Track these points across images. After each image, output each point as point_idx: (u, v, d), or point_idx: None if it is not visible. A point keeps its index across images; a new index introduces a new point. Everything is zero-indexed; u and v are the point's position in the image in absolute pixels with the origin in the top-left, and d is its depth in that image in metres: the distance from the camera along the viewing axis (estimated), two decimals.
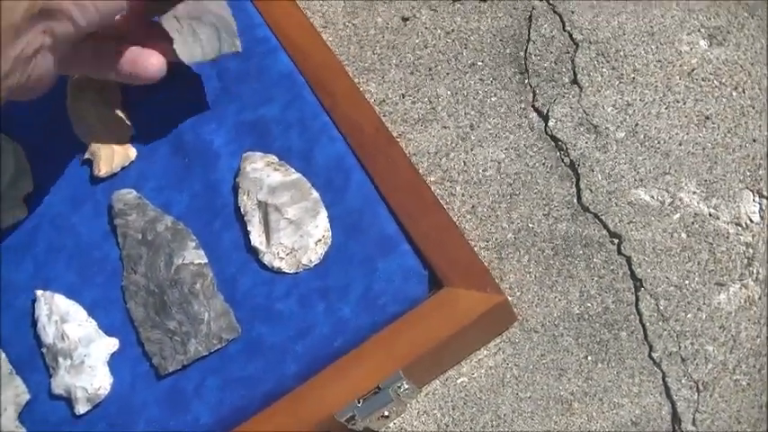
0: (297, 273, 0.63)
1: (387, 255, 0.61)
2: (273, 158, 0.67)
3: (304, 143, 0.67)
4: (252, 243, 0.64)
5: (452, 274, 0.59)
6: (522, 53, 0.74)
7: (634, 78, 0.70)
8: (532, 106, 0.71)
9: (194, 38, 0.62)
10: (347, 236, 0.63)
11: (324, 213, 0.63)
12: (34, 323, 0.70)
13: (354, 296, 0.61)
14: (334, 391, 0.59)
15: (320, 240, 0.62)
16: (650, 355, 0.61)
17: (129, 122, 0.73)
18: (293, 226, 0.63)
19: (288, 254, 0.63)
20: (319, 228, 0.62)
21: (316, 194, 0.64)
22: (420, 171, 0.67)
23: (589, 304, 0.63)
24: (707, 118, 0.67)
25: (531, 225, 0.66)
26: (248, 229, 0.65)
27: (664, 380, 0.60)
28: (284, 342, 0.62)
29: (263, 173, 0.65)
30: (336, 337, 0.60)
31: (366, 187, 0.63)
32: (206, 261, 0.66)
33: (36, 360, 0.69)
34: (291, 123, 0.68)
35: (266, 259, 0.63)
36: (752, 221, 0.63)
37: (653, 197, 0.65)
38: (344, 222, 0.63)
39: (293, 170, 0.66)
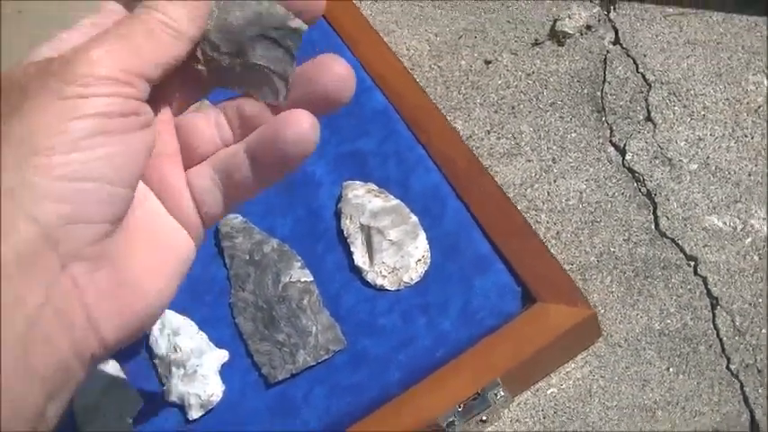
0: (398, 290, 0.75)
1: (482, 273, 0.73)
2: (373, 186, 0.80)
3: (401, 173, 0.80)
4: (355, 263, 0.77)
5: (543, 290, 0.71)
6: (598, 93, 0.87)
7: (704, 115, 0.83)
8: (610, 141, 0.84)
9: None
10: (445, 256, 0.75)
11: (423, 235, 0.75)
12: (146, 336, 0.82)
13: (454, 311, 0.72)
14: (435, 397, 0.71)
15: (420, 260, 0.74)
16: (728, 367, 0.71)
17: None
18: (395, 247, 0.75)
19: (390, 272, 0.75)
20: (419, 248, 0.75)
21: (414, 218, 0.77)
22: None
23: (669, 321, 0.74)
24: None
25: (612, 249, 0.78)
26: (351, 250, 0.77)
27: (742, 389, 0.70)
28: (387, 353, 0.73)
29: (365, 199, 0.78)
30: (437, 349, 0.72)
31: (461, 213, 0.76)
32: (312, 279, 0.78)
33: (147, 370, 0.82)
34: (388, 155, 0.81)
35: (369, 277, 0.76)
36: None
37: (725, 223, 0.77)
38: (442, 244, 0.75)
39: (392, 197, 0.79)
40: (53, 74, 0.34)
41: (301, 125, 0.40)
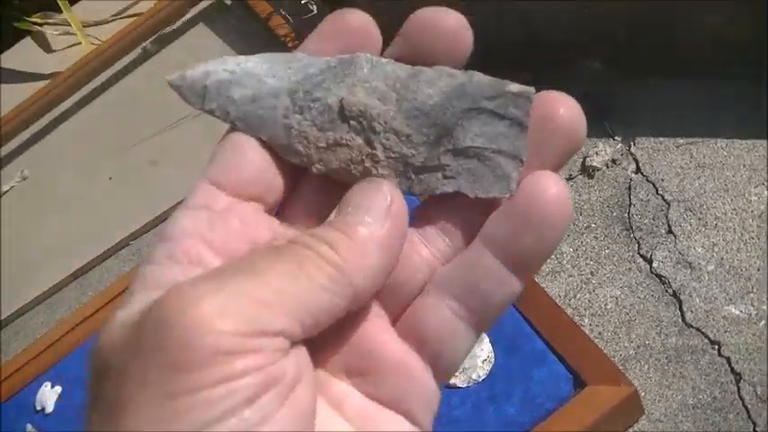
0: (468, 386, 1.04)
1: (539, 365, 1.02)
2: None
3: None
4: None
5: (590, 375, 0.99)
6: (626, 214, 1.18)
7: (716, 224, 1.13)
8: (638, 253, 1.14)
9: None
10: (507, 355, 1.04)
11: (486, 339, 1.06)
12: None
13: (517, 398, 1.01)
14: None
15: (486, 360, 1.04)
16: (755, 430, 0.96)
17: None
18: None
19: (461, 372, 1.05)
20: (484, 350, 1.05)
21: None
22: None
23: (700, 396, 1.00)
24: None
25: (647, 342, 1.06)
26: None
27: None
28: None
29: None
30: (506, 430, 1.00)
31: (517, 319, 1.06)
32: None
33: None
34: None
35: None
36: None
37: (742, 311, 1.04)
38: (503, 345, 1.05)
39: None
40: (158, 350, 0.28)
41: (552, 190, 0.32)
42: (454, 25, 0.36)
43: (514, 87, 0.35)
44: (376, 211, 0.33)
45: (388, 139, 0.37)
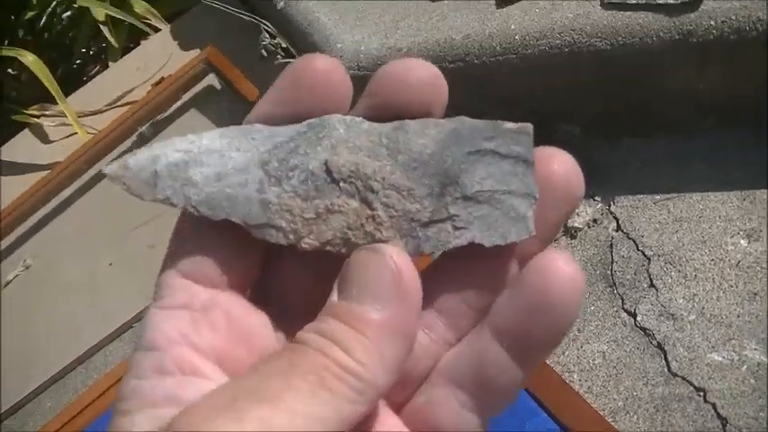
0: None
1: (531, 419, 1.08)
2: None
3: None
4: None
5: (579, 426, 1.05)
6: (608, 271, 1.25)
7: (696, 275, 1.20)
8: (623, 308, 1.21)
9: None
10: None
11: None
12: None
13: None
14: None
15: None
16: None
17: None
18: None
19: None
20: None
21: None
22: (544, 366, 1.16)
23: None
24: (755, 294, 1.15)
25: (635, 393, 1.12)
26: None
27: None
28: None
29: None
30: None
31: None
32: None
33: None
34: None
35: None
36: None
37: (724, 357, 1.11)
38: None
39: None
40: None
41: (565, 272, 0.31)
42: (428, 76, 0.34)
43: (510, 125, 0.35)
44: (385, 292, 0.31)
45: (388, 196, 0.35)
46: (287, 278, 0.37)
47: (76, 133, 2.05)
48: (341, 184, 0.35)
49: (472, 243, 0.35)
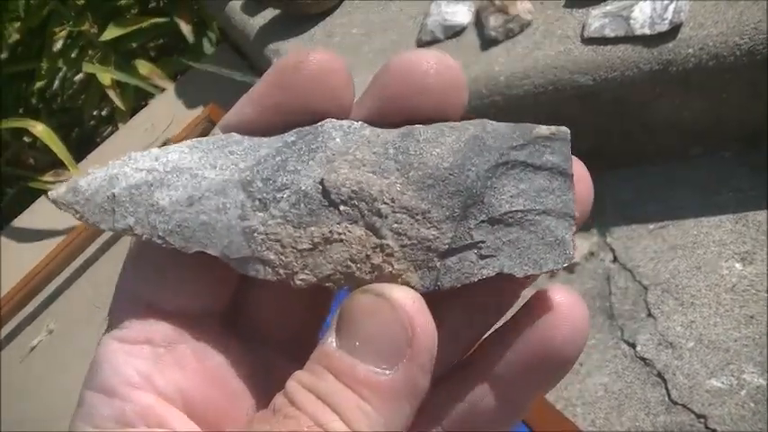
0: None
1: None
2: None
3: None
4: None
5: None
6: (607, 303, 1.29)
7: (692, 302, 1.23)
8: (622, 339, 1.24)
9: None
10: None
11: None
12: None
13: None
14: None
15: None
16: None
17: None
18: None
19: None
20: None
21: None
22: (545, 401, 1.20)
23: None
24: (751, 317, 1.17)
25: (637, 423, 1.15)
26: None
27: None
28: None
29: None
30: None
31: None
32: None
33: None
34: None
35: None
36: None
37: (723, 383, 1.13)
38: None
39: None
40: None
41: (575, 317, 0.30)
42: (445, 71, 0.29)
43: (543, 129, 0.30)
44: (394, 351, 0.27)
45: (399, 221, 0.29)
46: (264, 303, 0.33)
47: None
48: (341, 207, 0.29)
49: (501, 273, 0.30)
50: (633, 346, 1.22)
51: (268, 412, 0.28)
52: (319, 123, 0.30)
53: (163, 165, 0.29)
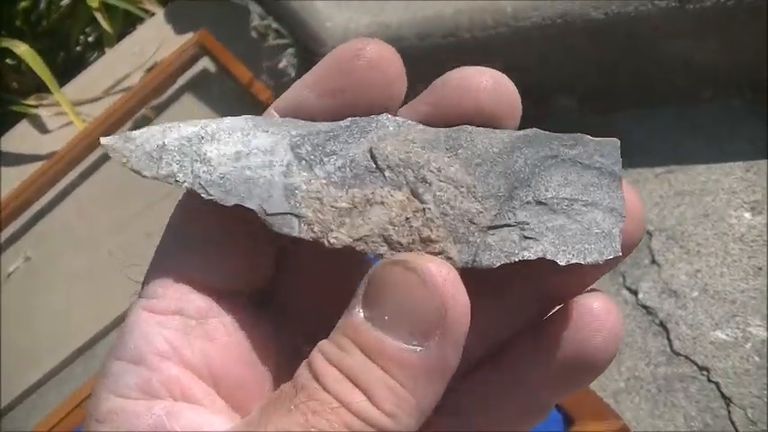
0: None
1: None
2: None
3: None
4: None
5: (579, 412, 1.02)
6: None
7: (699, 251, 1.15)
8: (624, 286, 1.17)
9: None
10: None
11: None
12: None
13: None
14: None
15: None
16: None
17: None
18: None
19: None
20: None
21: None
22: None
23: (692, 423, 1.02)
24: (759, 269, 1.10)
25: (636, 374, 1.09)
26: None
27: None
28: None
29: None
30: None
31: None
32: None
33: None
34: None
35: None
36: None
37: (728, 335, 1.07)
38: None
39: None
40: None
41: (610, 325, 0.30)
42: (501, 87, 0.30)
43: (593, 138, 0.31)
44: (427, 326, 0.26)
45: (443, 190, 0.28)
46: (297, 288, 0.33)
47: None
48: (386, 173, 0.29)
49: (543, 258, 0.28)
50: (635, 293, 1.15)
51: (291, 389, 0.27)
52: (374, 115, 0.30)
53: (217, 123, 0.29)
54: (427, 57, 1.34)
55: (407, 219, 0.28)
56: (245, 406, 0.30)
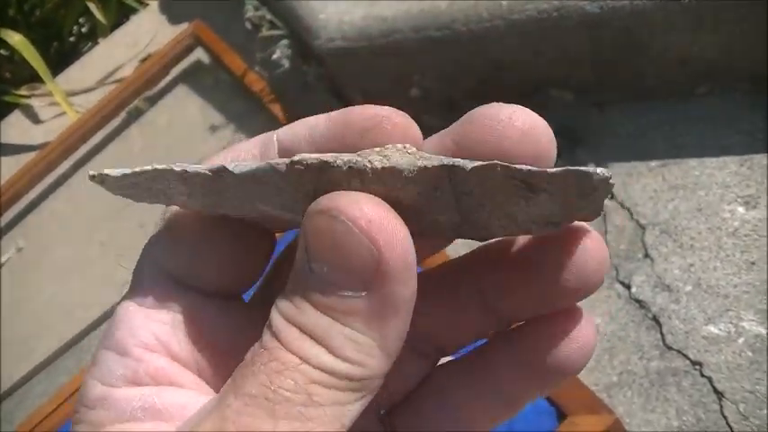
0: None
1: None
2: None
3: None
4: None
5: (571, 406, 1.01)
6: None
7: (692, 245, 1.15)
8: (617, 280, 1.16)
9: None
10: None
11: None
12: None
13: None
14: None
15: None
16: None
17: None
18: None
19: None
20: None
21: None
22: None
23: (685, 417, 1.02)
24: (752, 263, 1.10)
25: (629, 368, 1.08)
26: None
27: None
28: None
29: None
30: None
31: None
32: None
33: None
34: None
35: None
36: None
37: (721, 329, 1.06)
38: None
39: None
40: None
41: (584, 336, 0.31)
42: (535, 140, 0.27)
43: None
44: (365, 274, 0.26)
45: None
46: (287, 279, 0.31)
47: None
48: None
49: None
50: (628, 287, 1.15)
51: (258, 349, 0.27)
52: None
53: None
54: (422, 49, 1.33)
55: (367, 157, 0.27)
56: None
